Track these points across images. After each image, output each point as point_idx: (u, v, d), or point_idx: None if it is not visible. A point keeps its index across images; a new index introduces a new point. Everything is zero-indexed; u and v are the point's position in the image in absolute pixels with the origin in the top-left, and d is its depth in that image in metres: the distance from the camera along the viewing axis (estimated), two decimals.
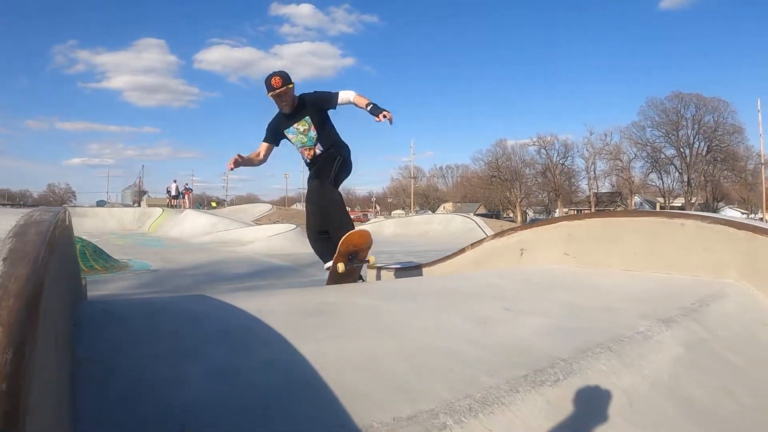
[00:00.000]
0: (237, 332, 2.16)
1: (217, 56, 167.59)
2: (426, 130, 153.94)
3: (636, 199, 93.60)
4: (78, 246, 8.50)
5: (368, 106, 4.95)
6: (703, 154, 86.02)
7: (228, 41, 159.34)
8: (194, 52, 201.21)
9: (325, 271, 5.29)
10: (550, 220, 5.86)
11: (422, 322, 2.58)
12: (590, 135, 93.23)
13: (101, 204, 61.98)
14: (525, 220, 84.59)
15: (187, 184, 49.16)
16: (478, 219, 28.94)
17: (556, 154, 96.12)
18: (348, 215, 5.30)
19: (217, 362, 1.74)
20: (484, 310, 2.85)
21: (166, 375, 1.59)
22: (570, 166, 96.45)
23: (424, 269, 6.56)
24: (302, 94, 5.22)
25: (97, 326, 2.12)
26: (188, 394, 1.45)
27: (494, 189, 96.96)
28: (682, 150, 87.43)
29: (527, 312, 2.85)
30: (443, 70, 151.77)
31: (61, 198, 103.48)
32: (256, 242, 17.05)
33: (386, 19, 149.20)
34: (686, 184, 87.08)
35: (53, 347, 1.13)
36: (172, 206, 37.56)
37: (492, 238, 6.07)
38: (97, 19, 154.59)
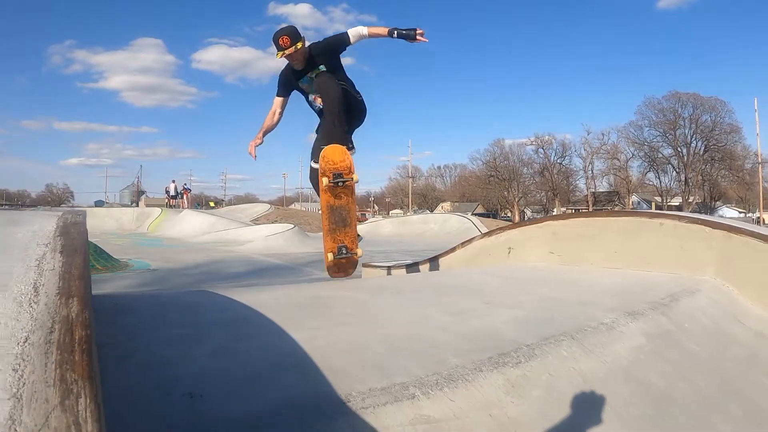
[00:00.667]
0: (236, 321, 2.40)
1: (215, 56, 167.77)
2: (424, 129, 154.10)
3: (633, 198, 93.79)
4: None
5: (393, 33, 4.66)
6: (701, 153, 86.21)
7: (226, 41, 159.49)
8: (192, 51, 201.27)
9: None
10: (535, 219, 6.10)
11: (406, 314, 2.82)
12: (588, 134, 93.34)
13: (99, 204, 62.05)
14: (523, 220, 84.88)
15: (186, 184, 49.46)
16: (475, 219, 29.21)
17: (553, 154, 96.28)
18: (341, 123, 4.82)
19: (218, 345, 1.97)
20: (464, 304, 3.10)
21: (175, 354, 1.83)
22: (568, 166, 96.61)
23: (415, 267, 6.80)
24: (312, 44, 4.86)
25: (111, 316, 2.35)
26: (195, 368, 1.69)
27: (492, 188, 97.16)
28: (679, 149, 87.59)
29: (503, 305, 3.09)
30: (441, 69, 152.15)
31: (59, 198, 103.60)
32: (254, 242, 17.28)
33: (384, 18, 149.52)
34: (684, 183, 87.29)
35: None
36: (170, 206, 37.79)
37: (481, 238, 6.30)
38: (94, 18, 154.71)
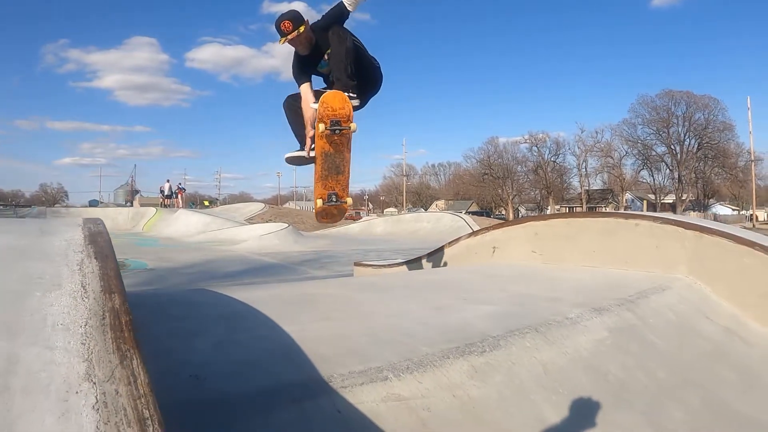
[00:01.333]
0: (233, 316, 2.65)
1: (209, 54, 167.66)
2: (418, 128, 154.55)
3: (627, 196, 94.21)
4: None
5: None
6: (694, 151, 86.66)
7: (220, 39, 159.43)
8: (186, 50, 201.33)
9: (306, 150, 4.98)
10: (518, 220, 6.35)
11: (388, 309, 3.08)
12: (581, 132, 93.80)
13: (94, 204, 62.21)
14: (517, 218, 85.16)
15: (180, 183, 49.57)
16: (467, 217, 29.49)
17: (547, 152, 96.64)
18: (351, 68, 4.69)
19: (217, 337, 2.22)
20: (443, 300, 3.35)
21: (179, 345, 2.07)
22: (561, 164, 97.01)
23: (406, 265, 7.04)
24: (312, 26, 4.69)
25: None
26: (198, 357, 1.94)
27: (486, 186, 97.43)
28: (672, 147, 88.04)
29: (480, 301, 3.34)
30: (435, 68, 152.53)
31: (54, 198, 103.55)
32: (249, 241, 17.49)
33: (378, 17, 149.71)
34: (677, 181, 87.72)
35: None
36: (165, 206, 38.01)
37: (467, 237, 6.55)
38: (88, 17, 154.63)
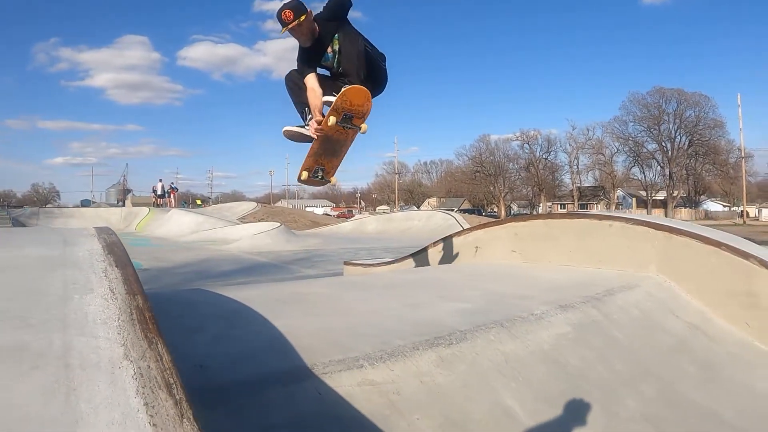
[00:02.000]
0: (228, 314, 2.94)
1: (201, 53, 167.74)
2: (410, 125, 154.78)
3: (619, 192, 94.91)
4: None
5: None
6: (685, 148, 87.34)
7: (212, 38, 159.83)
8: (178, 48, 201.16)
9: (306, 126, 4.77)
10: (499, 220, 6.65)
11: (368, 306, 3.40)
12: (573, 130, 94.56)
13: (86, 204, 62.25)
14: (509, 215, 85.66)
15: (173, 183, 49.70)
16: (458, 215, 29.80)
17: (539, 149, 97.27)
18: (363, 72, 4.63)
19: (216, 333, 2.52)
20: (420, 298, 3.66)
21: (181, 341, 2.35)
22: (553, 161, 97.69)
23: (392, 264, 7.34)
24: (316, 17, 4.51)
25: None
26: (199, 349, 2.23)
27: (478, 184, 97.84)
28: (663, 144, 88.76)
29: (454, 299, 3.65)
30: (427, 66, 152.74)
31: (45, 198, 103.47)
32: (241, 240, 17.73)
33: (370, 15, 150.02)
34: (668, 177, 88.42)
35: None
36: (157, 205, 38.17)
37: (451, 238, 6.84)
38: (79, 16, 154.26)
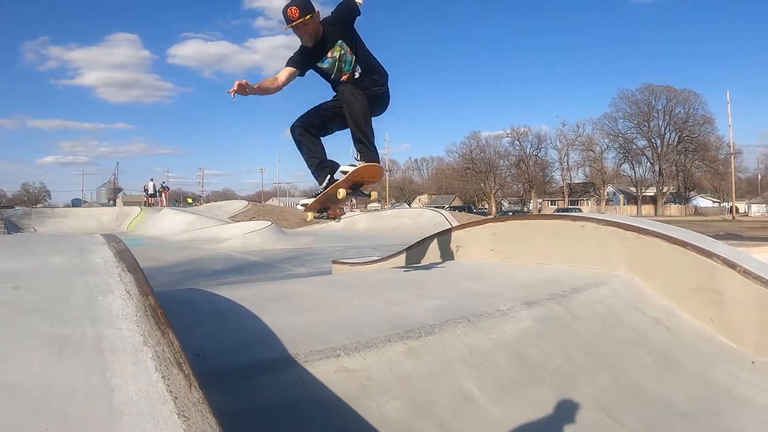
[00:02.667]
0: (222, 311, 3.26)
1: (191, 51, 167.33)
2: (401, 122, 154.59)
3: (609, 189, 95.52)
4: None
5: None
6: (674, 144, 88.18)
7: (202, 35, 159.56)
8: (168, 46, 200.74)
9: (321, 191, 4.88)
10: (478, 221, 6.95)
11: (349, 303, 3.73)
12: (563, 126, 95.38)
13: (77, 203, 62.18)
14: (500, 211, 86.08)
15: (164, 182, 49.89)
16: (447, 213, 30.08)
17: (529, 146, 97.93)
18: (372, 129, 4.76)
19: (211, 328, 2.84)
20: (398, 296, 3.98)
21: (180, 333, 2.67)
22: (543, 158, 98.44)
23: (377, 263, 7.63)
24: (323, 21, 4.58)
25: None
26: (197, 342, 2.54)
27: (469, 181, 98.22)
28: (653, 140, 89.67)
29: (429, 296, 3.97)
30: (418, 63, 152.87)
31: (36, 197, 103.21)
32: (233, 239, 17.95)
33: (363, 11, 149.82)
34: (658, 174, 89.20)
35: None
36: (149, 204, 38.32)
37: (433, 237, 7.15)
38: (68, 14, 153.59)
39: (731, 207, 71.62)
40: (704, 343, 4.63)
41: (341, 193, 4.59)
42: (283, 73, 4.64)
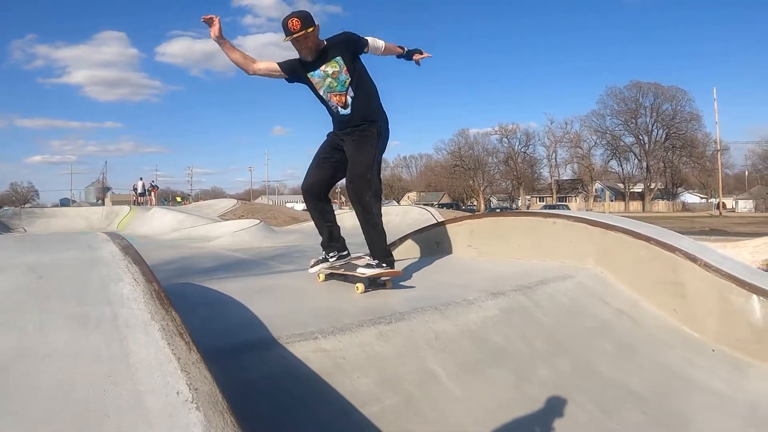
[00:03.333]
0: (213, 302, 3.59)
1: (179, 48, 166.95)
2: (390, 120, 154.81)
3: (597, 185, 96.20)
4: None
5: (405, 49, 4.87)
6: (662, 141, 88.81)
7: (190, 33, 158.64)
8: (156, 44, 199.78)
9: (325, 258, 4.88)
10: (456, 218, 7.27)
11: (329, 295, 4.08)
12: (551, 124, 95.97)
13: (65, 203, 62.08)
14: (488, 208, 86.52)
15: (153, 181, 50.02)
16: (434, 210, 30.18)
17: (517, 143, 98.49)
18: (382, 227, 4.61)
19: (203, 315, 3.18)
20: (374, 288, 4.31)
21: None
22: (532, 155, 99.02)
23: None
24: (328, 38, 4.47)
25: None
26: (191, 328, 2.87)
27: (457, 178, 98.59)
28: (641, 137, 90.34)
29: (402, 288, 4.33)
30: (406, 62, 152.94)
31: (24, 197, 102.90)
32: (222, 238, 18.07)
33: (349, 9, 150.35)
34: (645, 170, 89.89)
35: None
36: (138, 203, 38.43)
37: (414, 234, 7.48)
38: (56, 12, 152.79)
39: (718, 203, 72.30)
40: (666, 333, 4.84)
41: (360, 287, 4.16)
42: (266, 64, 4.59)
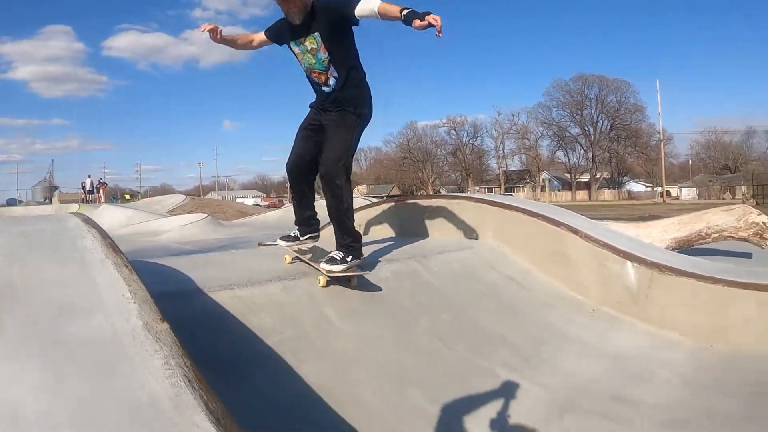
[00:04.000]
0: (160, 272, 4.34)
1: (126, 42, 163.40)
2: None
3: (544, 175, 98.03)
4: None
5: (402, 13, 3.89)
6: (607, 131, 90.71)
7: (138, 27, 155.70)
8: (102, 38, 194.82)
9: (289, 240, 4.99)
10: (377, 203, 8.08)
11: (253, 265, 4.95)
12: (498, 115, 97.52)
13: (12, 202, 60.99)
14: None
15: (101, 178, 49.81)
16: (376, 201, 30.67)
17: (466, 135, 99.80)
18: (352, 213, 4.66)
19: (153, 279, 4.00)
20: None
21: None
22: (480, 146, 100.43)
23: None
24: (315, 2, 4.24)
25: None
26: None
27: (407, 170, 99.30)
28: (586, 128, 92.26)
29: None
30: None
31: None
32: (171, 232, 18.32)
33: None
34: (591, 160, 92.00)
35: None
36: (87, 201, 38.27)
37: None
38: (1, 6, 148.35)
39: (662, 191, 74.65)
40: (551, 297, 5.61)
41: (322, 280, 4.25)
42: (258, 37, 4.66)
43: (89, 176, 43.42)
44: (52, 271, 2.58)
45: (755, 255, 7.73)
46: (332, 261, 4.23)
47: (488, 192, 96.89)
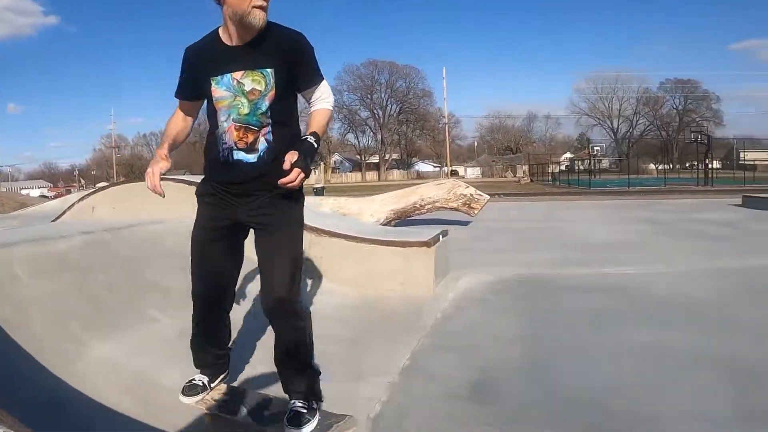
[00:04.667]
0: None
1: None
2: (130, 95, 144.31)
3: (335, 157, 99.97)
4: None
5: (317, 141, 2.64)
6: (396, 115, 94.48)
7: None
8: None
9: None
10: (102, 187, 8.55)
11: None
12: None
13: None
14: None
15: None
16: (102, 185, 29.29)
17: None
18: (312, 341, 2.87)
19: None
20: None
21: None
22: None
23: None
24: (273, 25, 2.58)
25: None
26: None
27: (198, 153, 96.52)
28: (375, 112, 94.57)
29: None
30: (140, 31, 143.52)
31: None
32: None
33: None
34: (380, 142, 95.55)
35: None
36: None
37: (78, 202, 8.43)
38: None
39: (448, 170, 79.66)
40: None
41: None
42: (180, 112, 2.99)
43: None
44: None
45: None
46: (298, 420, 2.64)
47: None
